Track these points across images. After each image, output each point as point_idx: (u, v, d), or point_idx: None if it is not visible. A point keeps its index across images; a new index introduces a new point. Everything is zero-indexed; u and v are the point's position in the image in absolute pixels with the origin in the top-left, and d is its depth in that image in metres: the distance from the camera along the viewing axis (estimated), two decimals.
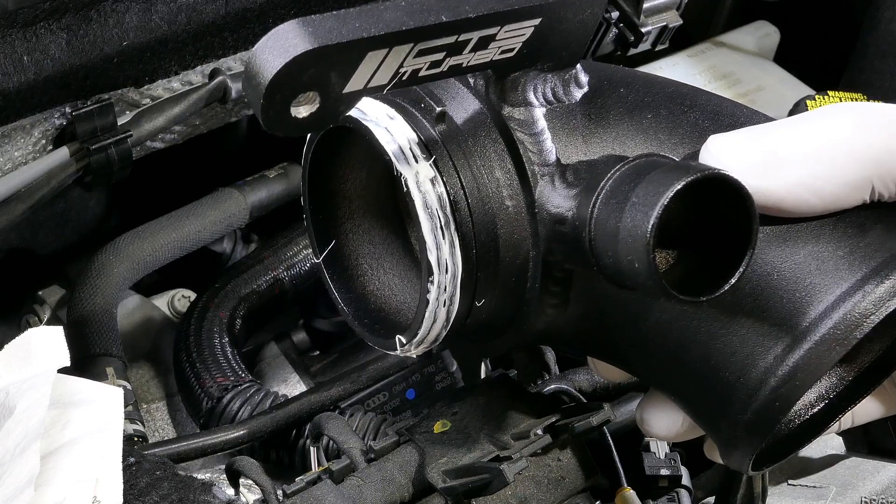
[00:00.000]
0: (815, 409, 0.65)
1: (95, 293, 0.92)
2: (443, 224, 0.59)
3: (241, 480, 0.77)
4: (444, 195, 0.59)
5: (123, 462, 0.67)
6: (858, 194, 0.58)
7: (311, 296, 1.04)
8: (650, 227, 0.52)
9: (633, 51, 1.01)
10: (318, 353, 1.04)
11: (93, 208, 1.15)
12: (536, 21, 0.56)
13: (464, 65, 0.56)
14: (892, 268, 0.56)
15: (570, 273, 0.62)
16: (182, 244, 0.97)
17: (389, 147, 0.60)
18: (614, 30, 0.99)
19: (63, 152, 0.85)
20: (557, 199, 0.59)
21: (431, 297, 0.60)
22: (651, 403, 0.68)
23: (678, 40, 1.16)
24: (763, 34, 1.32)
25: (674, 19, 1.01)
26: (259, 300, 0.99)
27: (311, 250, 1.01)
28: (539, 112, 0.61)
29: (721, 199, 0.55)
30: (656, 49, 1.03)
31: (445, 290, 0.60)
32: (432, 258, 0.59)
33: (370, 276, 0.69)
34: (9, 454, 0.64)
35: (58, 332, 0.70)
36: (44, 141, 0.85)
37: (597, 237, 0.57)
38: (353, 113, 0.61)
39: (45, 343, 0.69)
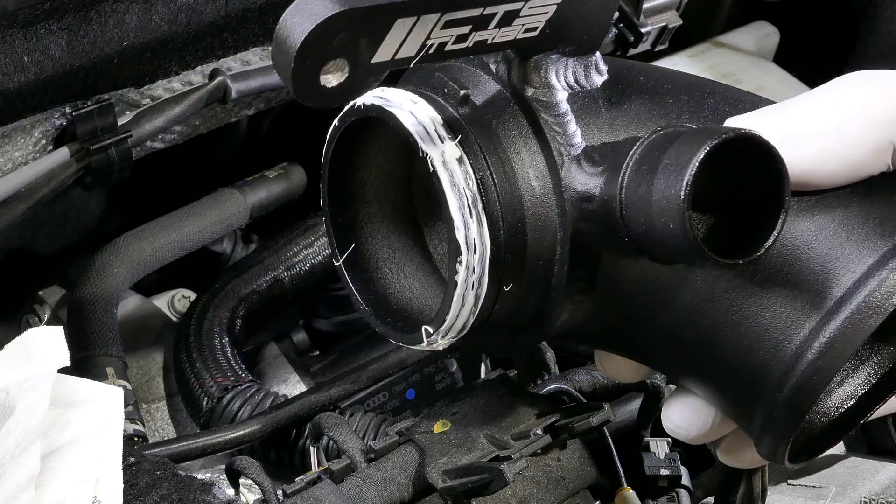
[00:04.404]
0: (851, 403, 0.64)
1: (95, 293, 0.92)
2: (470, 203, 0.59)
3: (241, 480, 0.77)
4: (471, 173, 0.59)
5: (123, 462, 0.67)
6: (882, 159, 0.59)
7: (311, 296, 1.04)
8: (685, 184, 0.53)
9: (632, 51, 1.01)
10: (318, 353, 1.04)
11: (93, 208, 1.15)
12: None
13: (489, 41, 0.56)
14: None
15: (597, 258, 0.62)
16: (182, 244, 0.97)
17: (415, 129, 0.60)
18: (614, 30, 0.99)
19: (63, 152, 0.85)
20: (584, 177, 0.59)
21: (460, 278, 0.59)
22: (678, 401, 0.67)
23: (678, 40, 1.16)
24: (763, 34, 1.32)
25: (673, 19, 1.01)
26: (259, 300, 0.99)
27: (310, 251, 1.01)
28: (562, 95, 0.61)
29: (750, 165, 0.55)
30: (656, 49, 1.03)
31: (474, 271, 0.59)
32: (460, 237, 0.59)
33: (390, 279, 0.68)
34: (9, 454, 0.64)
35: (58, 332, 0.70)
36: (44, 141, 0.85)
37: (628, 205, 0.57)
38: (375, 101, 0.61)
39: (45, 343, 0.69)
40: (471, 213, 0.59)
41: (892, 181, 0.60)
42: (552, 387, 0.86)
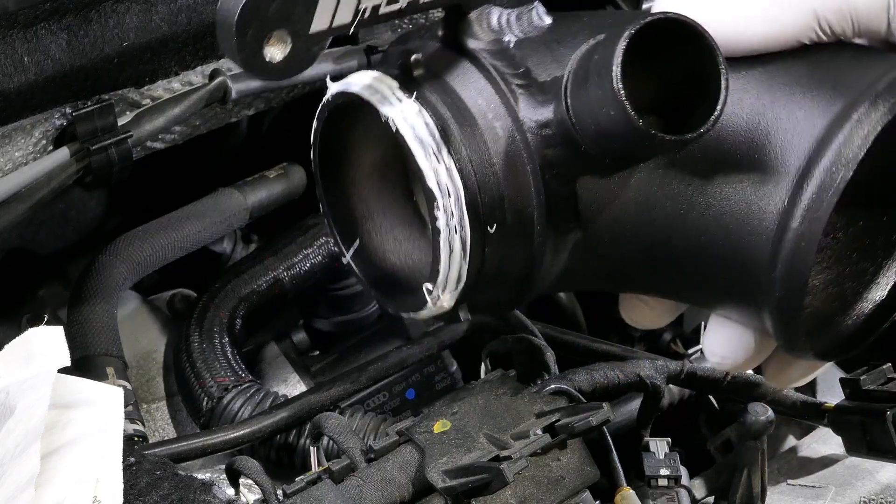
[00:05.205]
0: (873, 296, 0.65)
1: (95, 293, 0.92)
2: (435, 150, 0.62)
3: (241, 480, 0.77)
4: (432, 123, 0.62)
5: (123, 462, 0.67)
6: (808, 22, 0.61)
7: (311, 296, 1.04)
8: (614, 67, 0.56)
9: None
10: (318, 353, 1.04)
11: (93, 208, 1.15)
12: None
13: (421, 0, 0.59)
14: (880, 90, 0.57)
15: (574, 187, 0.63)
16: (182, 244, 0.97)
17: (374, 98, 0.63)
18: None
19: (63, 152, 0.85)
20: (539, 108, 0.62)
21: (441, 223, 0.62)
22: (713, 331, 0.66)
23: None
24: None
25: None
26: (259, 300, 0.99)
27: (310, 250, 1.01)
28: (508, 38, 0.65)
29: (687, 57, 0.57)
30: None
31: (452, 214, 0.62)
32: (431, 183, 0.61)
33: (399, 264, 0.70)
34: (9, 454, 0.64)
35: (58, 332, 0.70)
36: (44, 141, 0.85)
37: (575, 112, 0.60)
38: (339, 88, 0.65)
39: (45, 343, 0.69)
40: (438, 160, 0.62)
41: (828, 49, 0.61)
42: (552, 387, 0.86)
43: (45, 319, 0.99)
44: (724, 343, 0.66)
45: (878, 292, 0.65)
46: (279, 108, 1.04)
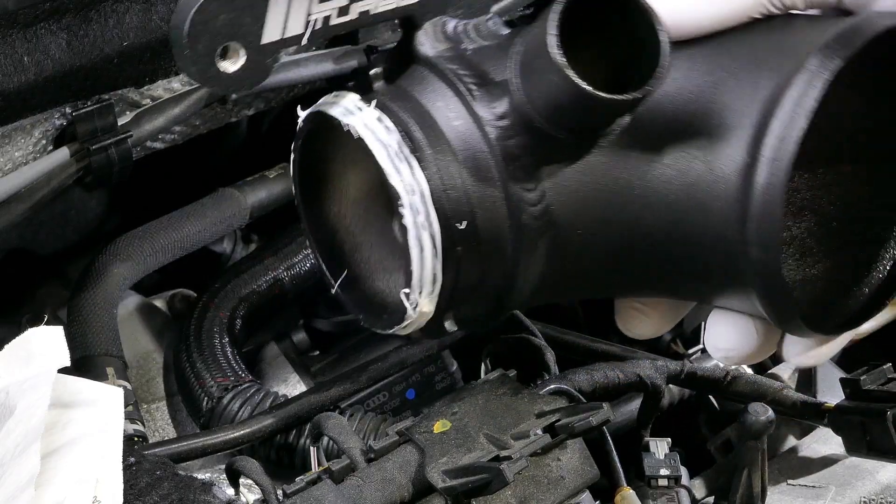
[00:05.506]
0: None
1: (95, 293, 0.92)
2: (396, 150, 0.63)
3: (241, 480, 0.77)
4: (392, 126, 0.64)
5: (123, 462, 0.67)
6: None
7: (311, 296, 1.04)
8: (549, 34, 0.58)
9: None
10: (318, 353, 1.04)
11: (93, 208, 1.15)
12: None
13: (371, 12, 0.62)
14: (830, 41, 0.57)
15: (539, 178, 0.64)
16: (182, 244, 0.97)
17: (336, 111, 0.65)
18: None
19: (63, 152, 0.85)
20: (495, 102, 0.64)
21: (408, 221, 0.63)
22: (714, 323, 0.65)
23: None
24: None
25: None
26: (259, 300, 0.99)
27: (310, 250, 1.01)
28: (465, 46, 0.66)
29: (626, 26, 0.59)
30: None
31: (419, 211, 0.63)
32: (395, 182, 0.62)
33: (387, 290, 0.70)
34: (9, 454, 0.64)
35: (58, 332, 0.70)
36: (44, 141, 0.85)
37: (524, 89, 0.62)
38: (310, 111, 0.67)
39: (45, 343, 0.69)
40: (400, 159, 0.63)
41: (779, 18, 0.62)
42: (552, 387, 0.86)
43: (45, 319, 0.99)
44: (725, 335, 0.65)
45: (878, 274, 0.65)
46: (279, 108, 1.04)
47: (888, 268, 0.65)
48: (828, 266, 0.64)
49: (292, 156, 0.69)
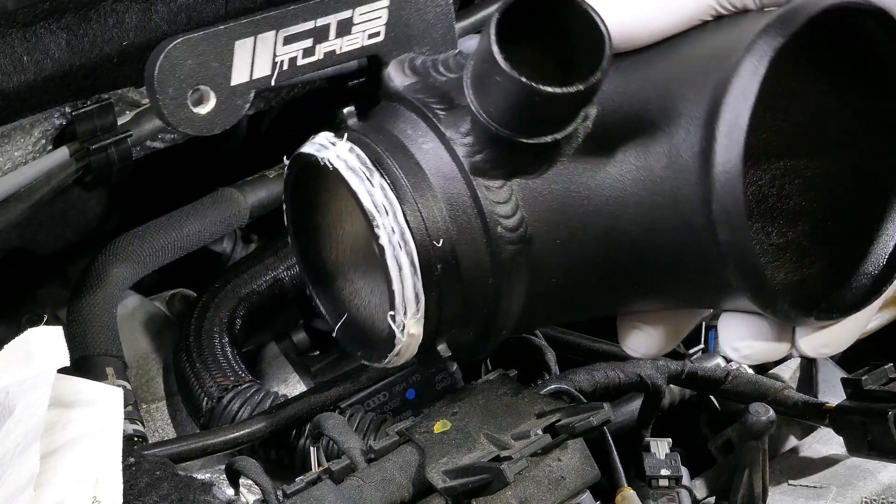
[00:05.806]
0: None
1: (95, 293, 0.92)
2: (368, 175, 0.65)
3: (241, 480, 0.77)
4: (363, 155, 0.66)
5: (123, 462, 0.67)
6: (707, 2, 0.63)
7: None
8: (491, 37, 0.59)
9: None
10: (318, 353, 1.04)
11: (93, 208, 1.15)
12: (385, 2, 0.65)
13: (337, 51, 0.66)
14: (773, 21, 0.58)
15: (509, 189, 0.65)
16: (182, 244, 0.97)
17: (312, 148, 0.67)
18: None
19: (63, 152, 0.85)
20: (459, 121, 0.66)
21: (384, 241, 0.64)
22: (727, 323, 0.65)
23: None
24: None
25: None
26: (259, 300, 0.98)
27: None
28: (434, 79, 0.69)
29: (576, 34, 0.61)
30: None
31: (393, 230, 0.64)
32: (367, 204, 0.64)
33: (378, 323, 0.71)
34: (9, 454, 0.64)
35: (58, 332, 0.70)
36: (44, 141, 0.85)
37: (477, 98, 0.63)
38: (294, 155, 0.69)
39: (45, 343, 0.69)
40: (371, 183, 0.65)
41: (732, 16, 0.63)
42: (552, 387, 0.86)
43: (45, 319, 0.99)
44: (738, 335, 0.64)
45: (876, 260, 0.66)
46: (279, 108, 1.04)
47: (886, 253, 0.65)
48: (825, 263, 0.65)
49: (284, 206, 0.72)
